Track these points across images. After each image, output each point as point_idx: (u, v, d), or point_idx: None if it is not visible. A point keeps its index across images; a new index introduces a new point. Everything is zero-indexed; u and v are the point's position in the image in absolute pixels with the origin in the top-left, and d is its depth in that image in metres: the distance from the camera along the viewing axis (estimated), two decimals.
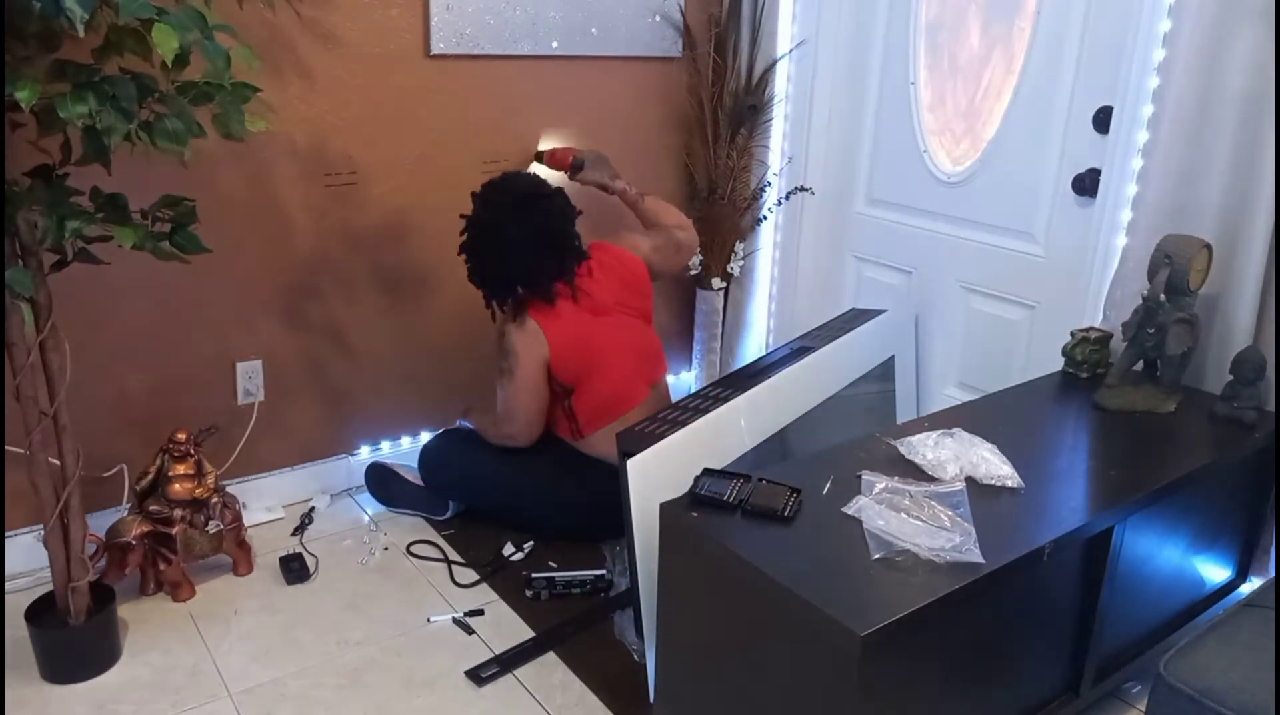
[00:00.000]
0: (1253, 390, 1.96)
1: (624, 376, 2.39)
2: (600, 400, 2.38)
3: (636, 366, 2.42)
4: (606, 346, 2.37)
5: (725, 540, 1.48)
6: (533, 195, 2.31)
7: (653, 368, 2.47)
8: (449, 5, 2.46)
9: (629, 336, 2.42)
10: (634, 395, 2.40)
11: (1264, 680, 1.37)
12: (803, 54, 2.87)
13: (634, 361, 2.42)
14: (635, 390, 2.41)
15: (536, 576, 2.26)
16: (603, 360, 2.36)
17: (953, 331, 2.67)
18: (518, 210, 2.28)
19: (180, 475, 2.12)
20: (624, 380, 2.39)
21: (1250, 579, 2.16)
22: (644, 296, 2.49)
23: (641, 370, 2.43)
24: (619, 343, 2.39)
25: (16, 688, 1.90)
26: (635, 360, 2.42)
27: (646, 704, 1.82)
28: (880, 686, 1.36)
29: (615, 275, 2.43)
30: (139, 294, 2.25)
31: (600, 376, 2.36)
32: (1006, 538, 1.49)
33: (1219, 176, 1.99)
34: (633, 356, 2.41)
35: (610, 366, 2.37)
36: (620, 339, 2.40)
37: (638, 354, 2.43)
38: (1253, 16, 1.89)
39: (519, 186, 2.32)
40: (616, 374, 2.38)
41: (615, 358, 2.38)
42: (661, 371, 2.51)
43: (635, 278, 2.47)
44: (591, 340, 2.35)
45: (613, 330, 2.38)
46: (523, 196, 2.30)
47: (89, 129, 1.57)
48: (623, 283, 2.43)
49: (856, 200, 2.88)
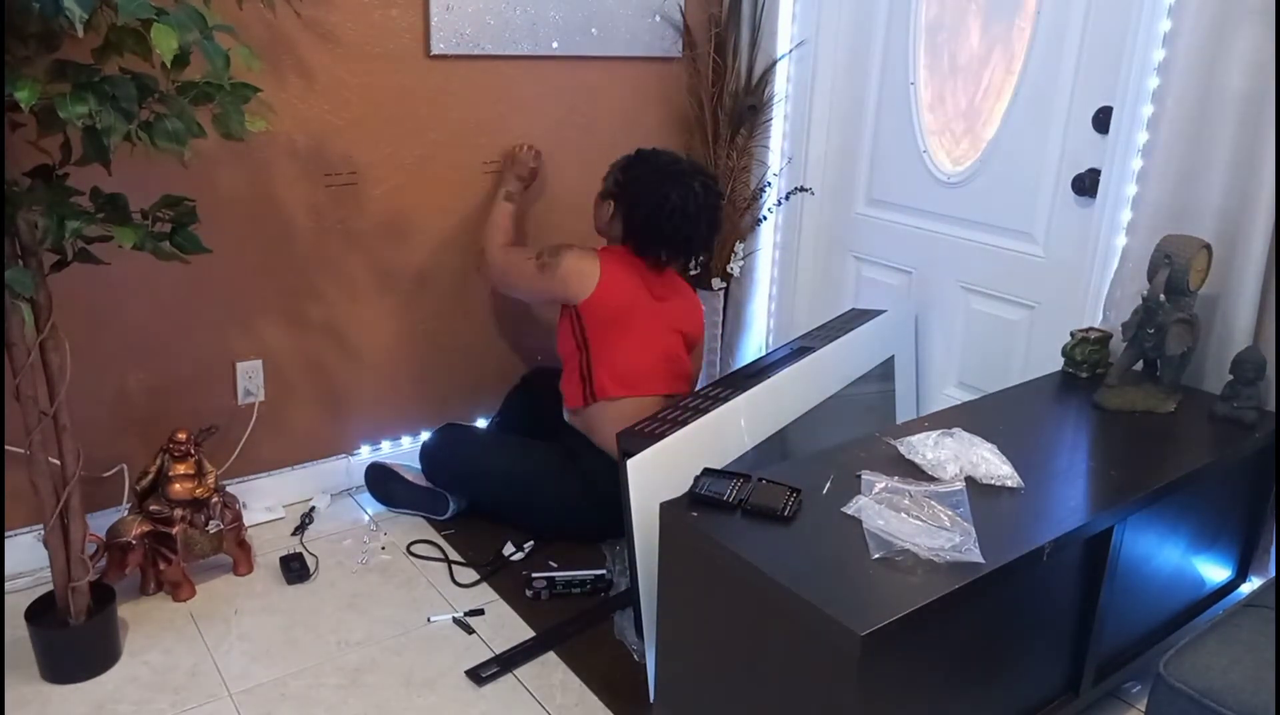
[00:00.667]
0: (1253, 390, 1.96)
1: (648, 359, 2.42)
2: (622, 365, 2.39)
3: (661, 363, 2.44)
4: (645, 323, 2.41)
5: (725, 540, 1.48)
6: (701, 173, 2.44)
7: (676, 378, 2.49)
8: (449, 5, 2.46)
9: (668, 338, 2.46)
10: (651, 381, 2.42)
11: (1264, 680, 1.37)
12: (803, 54, 2.87)
13: (661, 357, 2.44)
14: (656, 378, 2.43)
15: (536, 576, 2.26)
16: (634, 331, 2.39)
17: (952, 331, 2.67)
18: (683, 183, 2.37)
19: (180, 475, 2.12)
20: (646, 362, 2.41)
21: (1250, 579, 2.16)
22: (694, 334, 2.54)
23: (666, 370, 2.45)
24: (657, 330, 2.43)
25: (16, 688, 1.90)
26: (663, 358, 2.44)
27: (646, 704, 1.82)
28: (880, 686, 1.36)
29: (685, 302, 2.52)
30: (139, 294, 2.25)
31: (626, 339, 2.39)
32: (1006, 538, 1.49)
33: (1219, 176, 1.99)
34: (662, 353, 2.44)
35: (637, 341, 2.40)
36: (660, 329, 2.44)
37: (668, 356, 2.46)
38: (1253, 16, 1.89)
39: (672, 158, 2.44)
40: (644, 349, 2.41)
41: (647, 339, 2.41)
42: (682, 388, 2.51)
43: (693, 318, 2.54)
44: (635, 308, 2.39)
45: (659, 318, 2.43)
46: (676, 167, 2.40)
47: (89, 129, 1.57)
48: (684, 312, 2.50)
49: (856, 200, 2.88)
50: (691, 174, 2.41)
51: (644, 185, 2.40)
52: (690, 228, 2.39)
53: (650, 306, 2.42)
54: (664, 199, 2.36)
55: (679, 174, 2.39)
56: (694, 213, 2.38)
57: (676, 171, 2.40)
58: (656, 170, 2.40)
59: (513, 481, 2.48)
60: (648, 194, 2.38)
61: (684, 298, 2.53)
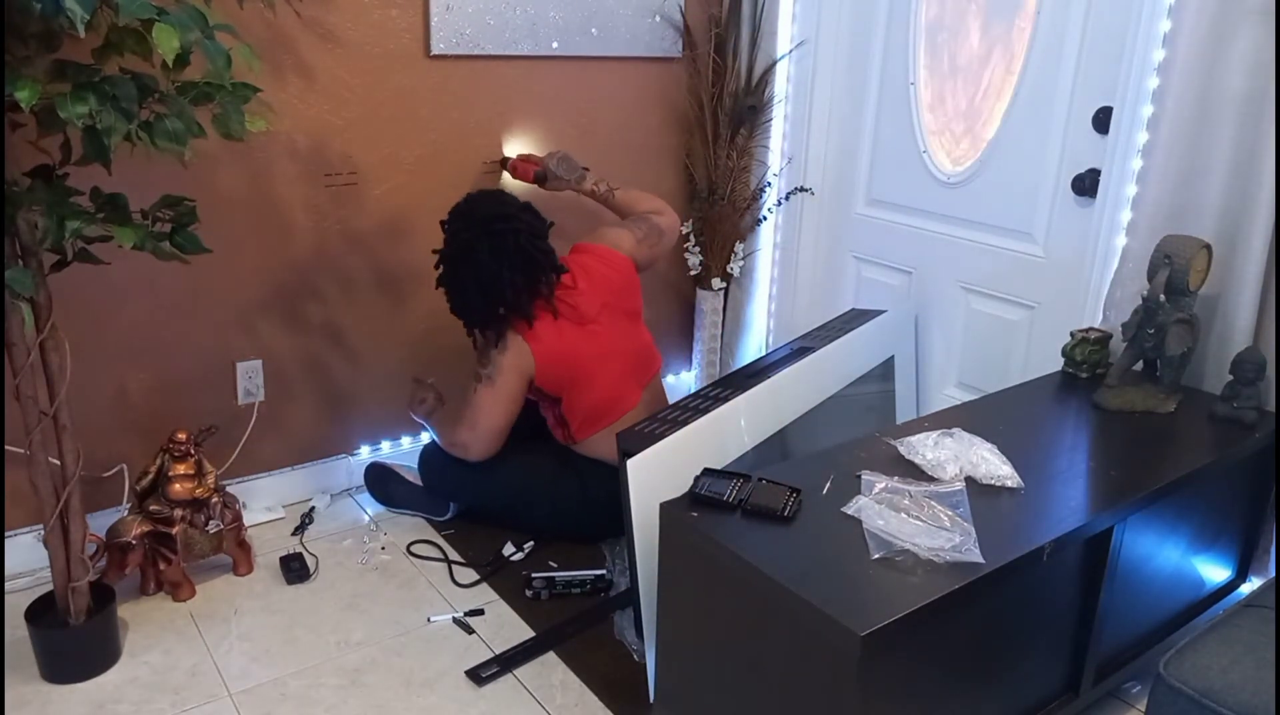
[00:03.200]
0: (1253, 390, 1.96)
1: (613, 382, 2.37)
2: (591, 407, 2.36)
3: (626, 371, 2.40)
4: (593, 356, 2.34)
5: (725, 540, 1.48)
6: (498, 218, 2.26)
7: (644, 368, 2.46)
8: (449, 6, 2.46)
9: (617, 341, 2.39)
10: (625, 399, 2.40)
11: (1264, 680, 1.37)
12: (803, 54, 2.87)
13: (623, 366, 2.40)
14: (626, 394, 2.40)
15: (536, 576, 2.26)
16: (590, 370, 2.34)
17: (952, 331, 2.67)
18: (486, 237, 2.24)
19: (180, 475, 2.12)
20: (614, 386, 2.37)
21: (1250, 579, 2.16)
22: (632, 294, 2.45)
23: (633, 373, 2.42)
24: (606, 350, 2.36)
25: (16, 688, 1.90)
26: (624, 365, 2.40)
27: (646, 704, 1.82)
28: (880, 686, 1.36)
29: (600, 277, 2.39)
30: (139, 294, 2.25)
31: (589, 385, 2.34)
32: (1006, 538, 1.49)
33: (1219, 176, 1.99)
34: (621, 361, 2.39)
35: (598, 375, 2.35)
36: (607, 346, 2.37)
37: (627, 357, 2.41)
38: (1253, 16, 1.89)
39: (484, 212, 2.27)
40: (605, 381, 2.36)
41: (603, 365, 2.35)
42: (653, 370, 2.49)
43: (621, 275, 2.43)
44: (577, 352, 2.32)
45: (599, 338, 2.35)
46: (488, 222, 2.25)
47: (89, 129, 1.57)
48: (608, 283, 2.40)
49: (856, 200, 2.88)
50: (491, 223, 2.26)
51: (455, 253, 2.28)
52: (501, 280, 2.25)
53: (586, 335, 2.34)
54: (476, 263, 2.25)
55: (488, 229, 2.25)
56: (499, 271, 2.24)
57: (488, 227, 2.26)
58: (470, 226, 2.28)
59: (510, 485, 2.48)
60: (457, 278, 2.30)
61: (597, 276, 2.39)
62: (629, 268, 2.46)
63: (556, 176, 2.55)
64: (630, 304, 2.45)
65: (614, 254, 2.45)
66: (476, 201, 2.31)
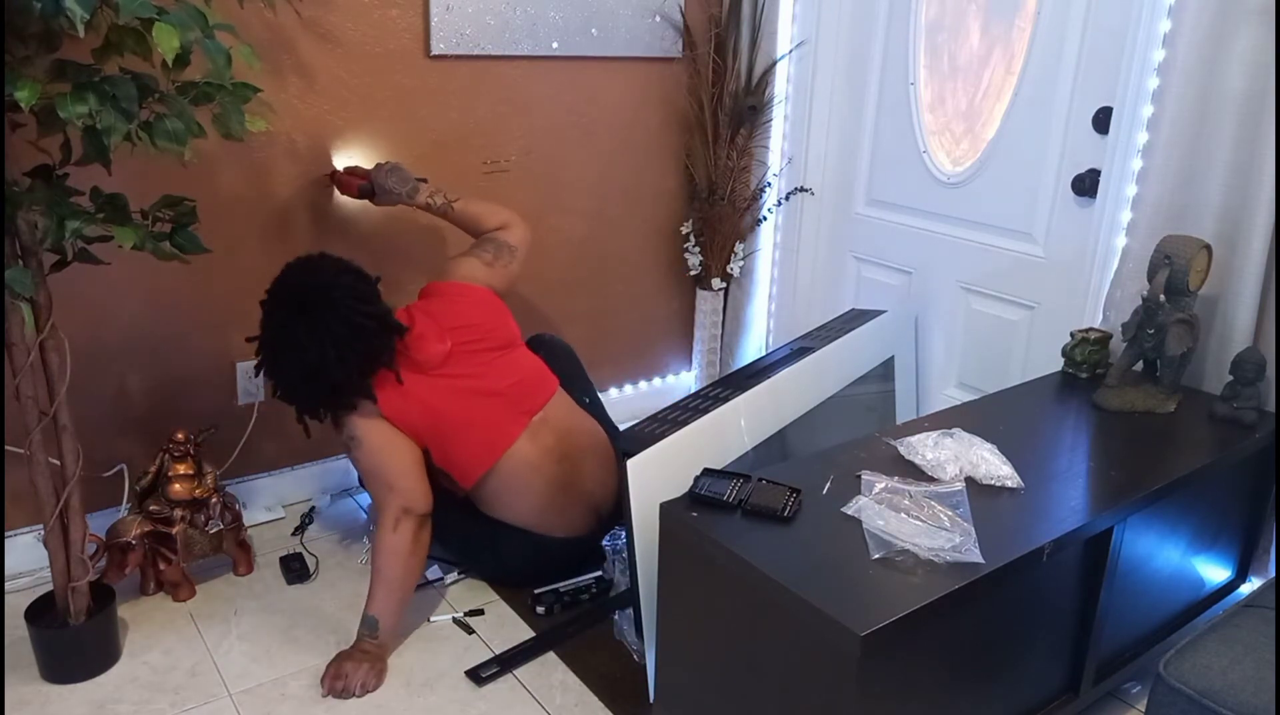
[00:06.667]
0: (1252, 390, 1.96)
1: (487, 425, 2.15)
2: (466, 455, 2.15)
3: (502, 406, 2.16)
4: (453, 406, 2.12)
5: (725, 540, 1.48)
6: (312, 290, 1.99)
7: (528, 397, 2.20)
8: (449, 6, 2.46)
9: (481, 381, 2.15)
10: (505, 436, 2.16)
11: (1264, 680, 1.37)
12: (803, 54, 2.87)
13: (495, 404, 2.16)
14: (506, 431, 2.16)
15: (541, 592, 2.22)
16: (453, 421, 2.12)
17: (952, 332, 2.67)
18: (301, 316, 1.97)
19: (180, 475, 2.13)
20: (488, 427, 2.15)
21: (1250, 579, 2.16)
22: (498, 326, 2.23)
23: (513, 406, 2.18)
24: (470, 394, 2.14)
25: (16, 688, 1.90)
26: (497, 402, 2.16)
27: (646, 704, 1.82)
28: (880, 686, 1.36)
29: (452, 320, 2.17)
30: (139, 294, 2.25)
31: (454, 434, 2.12)
32: (1006, 538, 1.50)
33: (1219, 176, 1.99)
34: (489, 400, 2.15)
35: (464, 424, 2.13)
36: (471, 389, 2.14)
37: (497, 394, 2.16)
38: (1252, 16, 1.89)
39: (297, 289, 2.01)
40: (477, 426, 2.14)
41: (467, 413, 2.13)
42: (545, 395, 2.23)
43: (479, 311, 2.21)
44: (431, 406, 2.10)
45: (457, 386, 2.13)
46: (300, 297, 1.99)
47: (89, 129, 1.57)
48: (465, 323, 2.17)
49: (856, 200, 2.88)
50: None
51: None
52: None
53: (440, 388, 2.11)
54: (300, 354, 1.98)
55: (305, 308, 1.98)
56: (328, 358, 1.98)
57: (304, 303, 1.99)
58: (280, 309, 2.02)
59: (459, 545, 2.33)
60: (279, 367, 2.04)
61: (448, 319, 2.16)
62: (488, 298, 2.25)
63: (386, 190, 2.30)
64: (498, 337, 2.22)
65: (468, 288, 2.24)
66: (287, 273, 2.05)
